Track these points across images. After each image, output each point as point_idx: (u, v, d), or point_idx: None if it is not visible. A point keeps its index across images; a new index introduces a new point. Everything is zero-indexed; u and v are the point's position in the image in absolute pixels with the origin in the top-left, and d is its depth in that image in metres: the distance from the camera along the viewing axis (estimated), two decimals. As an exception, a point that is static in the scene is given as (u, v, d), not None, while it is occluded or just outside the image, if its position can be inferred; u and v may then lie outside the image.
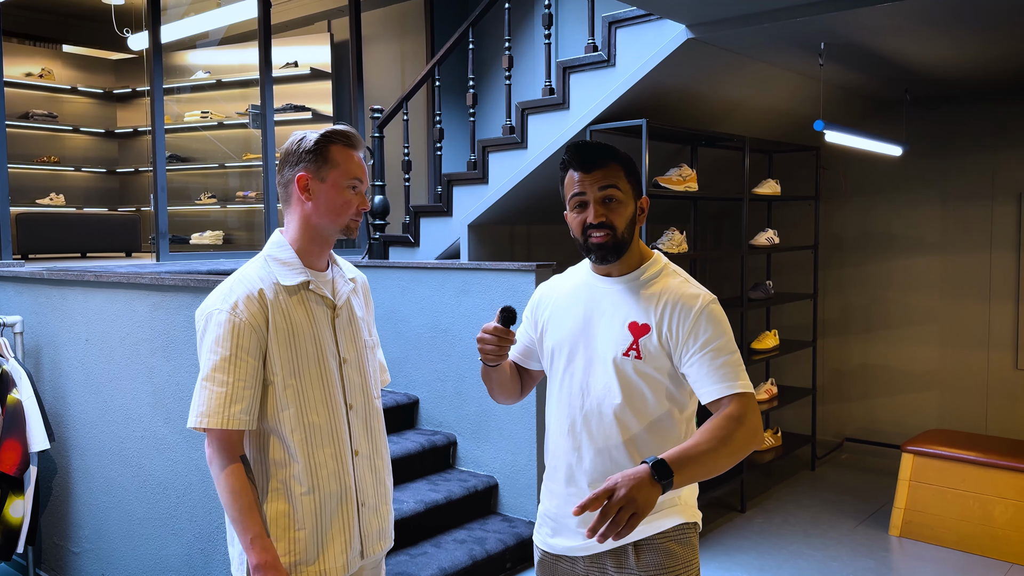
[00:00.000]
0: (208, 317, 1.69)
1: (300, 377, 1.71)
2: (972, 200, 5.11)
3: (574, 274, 1.83)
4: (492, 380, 1.85)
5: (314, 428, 1.72)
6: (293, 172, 1.74)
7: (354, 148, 1.76)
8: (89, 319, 3.15)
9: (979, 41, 3.72)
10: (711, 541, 3.95)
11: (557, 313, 1.79)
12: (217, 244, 5.94)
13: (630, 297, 1.69)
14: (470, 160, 4.52)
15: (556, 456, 1.77)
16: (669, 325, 1.64)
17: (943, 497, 3.93)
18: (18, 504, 3.16)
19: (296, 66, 5.96)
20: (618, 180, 1.67)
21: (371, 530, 1.83)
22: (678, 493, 1.71)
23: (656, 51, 3.60)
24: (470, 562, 3.31)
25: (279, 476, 1.71)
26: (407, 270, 4.12)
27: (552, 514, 1.78)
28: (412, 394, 4.13)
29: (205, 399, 1.64)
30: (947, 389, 5.22)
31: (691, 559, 1.71)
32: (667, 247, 3.94)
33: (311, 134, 1.74)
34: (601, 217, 1.66)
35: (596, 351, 1.70)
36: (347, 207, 1.74)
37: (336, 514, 1.75)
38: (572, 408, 1.72)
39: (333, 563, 1.74)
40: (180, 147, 6.30)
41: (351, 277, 1.90)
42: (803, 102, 4.72)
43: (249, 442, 1.73)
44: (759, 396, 4.84)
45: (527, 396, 2.03)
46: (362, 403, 1.84)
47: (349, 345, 1.82)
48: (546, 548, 1.81)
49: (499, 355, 1.73)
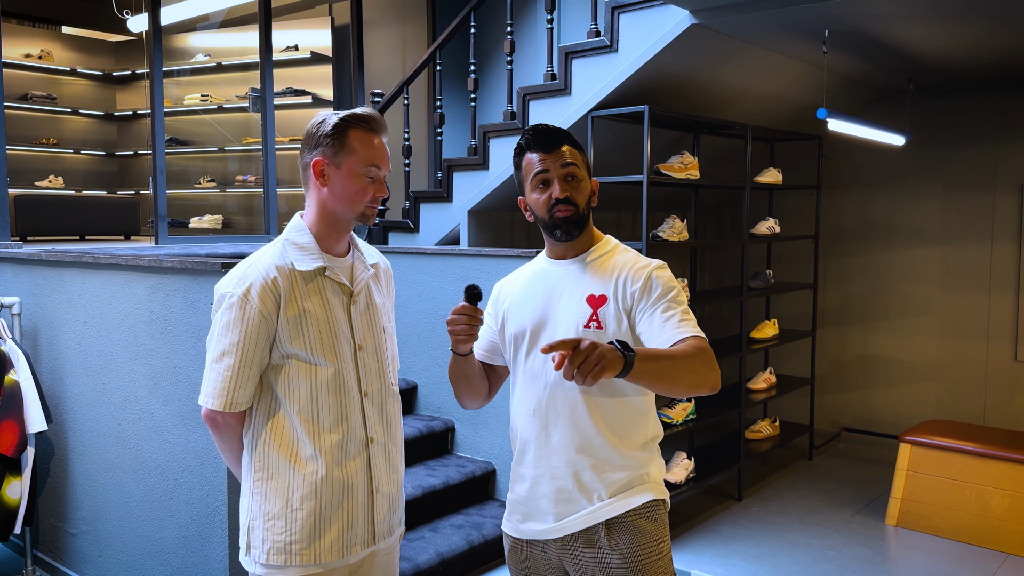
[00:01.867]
0: (222, 299, 1.71)
1: (311, 364, 1.71)
2: (974, 191, 5.09)
3: (529, 267, 1.87)
4: (460, 375, 1.85)
5: (322, 413, 1.72)
6: (311, 156, 1.72)
7: (375, 133, 1.73)
8: (87, 301, 3.14)
9: (983, 30, 3.69)
10: (708, 529, 3.96)
11: (516, 302, 1.82)
12: (216, 228, 5.93)
13: (585, 274, 1.75)
14: (471, 146, 4.50)
15: (524, 439, 1.78)
16: (624, 290, 1.69)
17: (940, 487, 3.94)
18: (15, 485, 3.16)
19: (297, 50, 5.92)
20: (576, 160, 1.74)
21: (383, 517, 1.83)
22: (647, 469, 1.73)
23: (659, 37, 3.57)
24: (467, 547, 3.32)
25: (283, 454, 1.72)
26: (407, 256, 4.11)
27: (522, 499, 1.79)
28: (411, 379, 4.13)
29: (212, 381, 1.70)
30: (946, 380, 5.23)
31: (662, 536, 1.73)
32: (667, 235, 3.93)
33: (332, 117, 1.72)
34: (566, 192, 1.72)
35: (557, 329, 1.72)
36: (362, 195, 1.72)
37: (338, 500, 1.74)
38: (536, 388, 1.74)
39: (329, 547, 1.74)
40: (180, 130, 6.27)
41: (373, 263, 1.88)
42: (806, 90, 4.70)
43: (260, 418, 1.75)
44: (757, 385, 4.84)
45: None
46: (378, 390, 1.83)
47: (366, 332, 1.81)
48: (516, 535, 1.81)
49: (470, 335, 1.74)
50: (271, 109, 5.08)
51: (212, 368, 1.70)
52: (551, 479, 1.73)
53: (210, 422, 1.75)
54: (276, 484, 1.72)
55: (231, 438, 1.78)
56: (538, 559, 1.79)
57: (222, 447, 1.82)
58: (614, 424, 1.70)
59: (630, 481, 1.70)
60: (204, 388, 1.72)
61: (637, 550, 1.68)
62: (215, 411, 1.71)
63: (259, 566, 1.74)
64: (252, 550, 1.75)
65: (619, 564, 1.68)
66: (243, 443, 1.79)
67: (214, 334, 1.71)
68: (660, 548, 1.71)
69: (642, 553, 1.68)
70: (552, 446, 1.72)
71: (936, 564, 3.63)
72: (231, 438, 1.78)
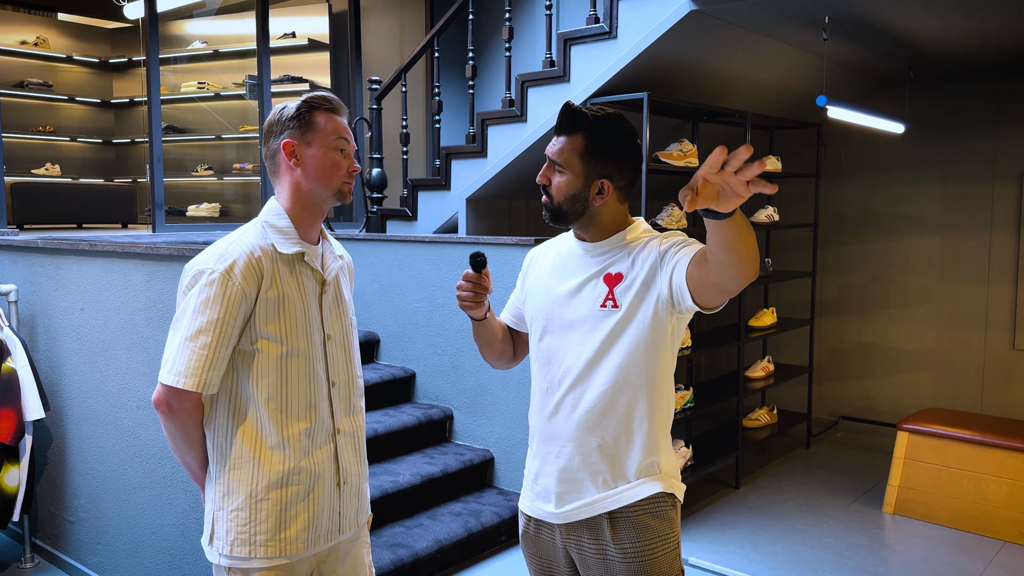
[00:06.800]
0: (199, 275, 1.65)
1: (283, 348, 1.69)
2: (973, 180, 5.08)
3: (561, 240, 1.85)
4: (480, 338, 1.88)
5: (290, 401, 1.70)
6: (278, 141, 1.72)
7: (336, 112, 1.75)
8: (84, 288, 3.13)
9: (983, 18, 3.67)
10: (705, 516, 3.97)
11: (540, 279, 1.81)
12: (214, 216, 5.91)
13: (606, 256, 1.71)
14: (469, 133, 4.48)
15: (537, 418, 1.78)
16: (642, 264, 1.65)
17: (938, 475, 3.94)
18: (13, 473, 3.16)
19: (294, 37, 5.89)
20: (571, 155, 1.66)
21: (350, 508, 1.82)
22: (656, 458, 1.70)
23: (659, 23, 3.55)
24: (465, 534, 3.33)
25: (247, 444, 1.69)
26: (405, 244, 4.10)
27: (533, 476, 1.79)
28: (409, 368, 4.13)
29: (185, 359, 1.62)
30: (944, 369, 5.23)
31: (668, 532, 1.69)
32: (666, 223, 3.92)
33: (291, 103, 1.73)
34: (544, 180, 1.71)
35: (574, 309, 1.71)
36: (337, 168, 1.72)
37: (304, 491, 1.72)
38: (550, 367, 1.74)
39: (295, 539, 1.72)
40: (177, 118, 6.24)
41: (339, 254, 1.89)
42: (805, 78, 4.68)
43: (224, 406, 1.71)
44: (755, 373, 4.84)
45: (524, 369, 2.03)
46: (345, 381, 1.82)
47: (335, 322, 1.81)
48: (530, 512, 1.81)
49: (476, 302, 1.75)
50: (268, 96, 5.06)
51: (184, 346, 1.62)
52: (556, 457, 1.72)
53: (165, 406, 1.65)
54: (239, 474, 1.69)
55: (186, 424, 1.69)
56: (547, 544, 1.79)
57: (175, 436, 1.71)
58: (624, 407, 1.67)
59: (639, 469, 1.68)
60: (172, 367, 1.63)
61: (640, 546, 1.66)
62: (175, 392, 1.63)
63: (223, 557, 1.71)
64: (216, 541, 1.72)
65: (621, 559, 1.67)
66: (201, 432, 1.73)
67: (187, 311, 1.64)
68: (665, 544, 1.68)
69: (645, 549, 1.66)
70: (561, 425, 1.71)
71: (933, 552, 3.64)
72: (186, 424, 1.69)
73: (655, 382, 1.69)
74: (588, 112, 1.68)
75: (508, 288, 2.11)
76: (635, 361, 1.65)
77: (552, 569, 1.81)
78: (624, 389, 1.67)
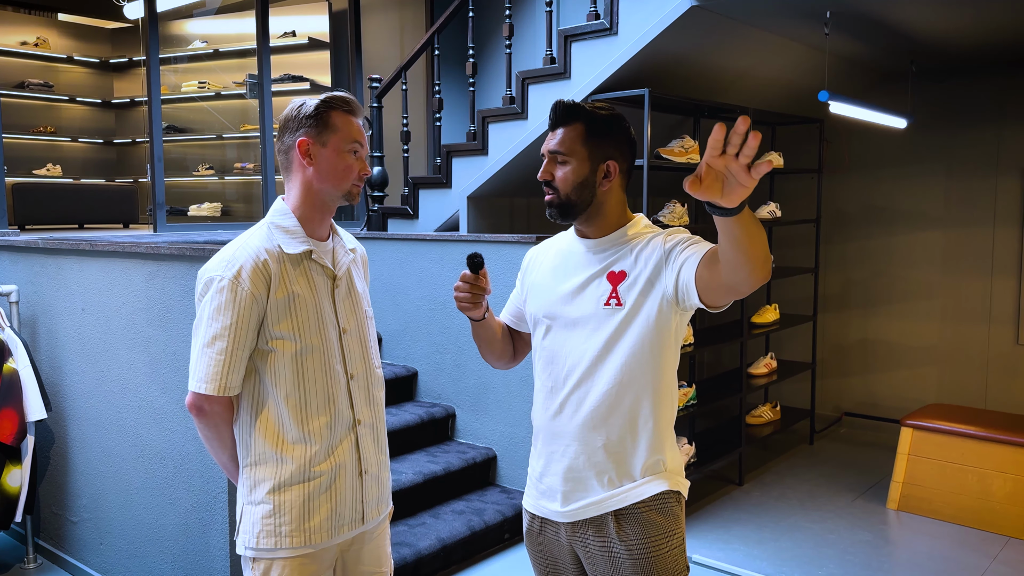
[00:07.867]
0: (209, 283, 1.70)
1: (297, 346, 1.72)
2: (976, 175, 5.06)
3: (561, 239, 1.84)
4: (479, 338, 1.87)
5: (309, 396, 1.73)
6: (294, 138, 1.74)
7: (354, 114, 1.77)
8: (85, 289, 3.12)
9: (986, 11, 3.66)
10: (709, 513, 3.96)
11: (541, 278, 1.80)
12: (215, 216, 5.91)
13: (608, 253, 1.70)
14: (470, 131, 4.47)
15: (540, 417, 1.77)
16: (646, 261, 1.64)
17: (942, 471, 3.93)
18: (16, 473, 3.16)
19: (294, 36, 5.88)
20: (574, 142, 1.67)
21: (372, 497, 1.85)
22: (662, 456, 1.69)
23: (659, 19, 3.54)
24: (468, 532, 3.32)
25: (269, 440, 1.73)
26: (406, 242, 4.09)
27: (537, 475, 1.79)
28: (411, 366, 4.12)
29: (204, 365, 1.68)
30: (947, 364, 5.21)
31: (673, 529, 1.69)
32: (668, 219, 3.90)
33: (311, 100, 1.75)
34: (546, 175, 1.69)
35: (577, 307, 1.70)
36: (349, 171, 1.75)
37: (327, 483, 1.76)
38: (554, 366, 1.73)
39: (318, 528, 1.75)
40: (177, 118, 6.24)
41: (351, 248, 1.91)
42: (807, 73, 4.66)
43: (246, 404, 1.75)
44: (758, 370, 4.83)
45: (526, 367, 2.03)
46: (363, 373, 1.84)
47: (349, 315, 1.83)
48: (534, 511, 1.81)
49: (473, 303, 1.75)
50: (269, 96, 5.05)
51: (203, 353, 1.69)
52: (561, 456, 1.72)
53: (196, 410, 1.72)
54: (263, 469, 1.74)
55: (218, 426, 1.75)
56: (552, 542, 1.78)
57: (208, 436, 1.78)
58: (629, 405, 1.67)
59: (645, 467, 1.67)
60: (195, 374, 1.70)
61: (646, 543, 1.66)
62: (204, 397, 1.69)
63: (249, 549, 1.75)
64: (243, 533, 1.77)
65: (627, 555, 1.66)
66: (232, 433, 1.78)
67: (203, 319, 1.70)
68: (671, 541, 1.68)
69: (651, 545, 1.66)
70: (566, 424, 1.71)
71: (937, 548, 3.63)
72: (218, 426, 1.75)
73: (659, 380, 1.68)
74: (581, 103, 1.71)
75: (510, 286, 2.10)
76: (640, 359, 1.65)
77: (557, 567, 1.80)
78: (629, 387, 1.66)
